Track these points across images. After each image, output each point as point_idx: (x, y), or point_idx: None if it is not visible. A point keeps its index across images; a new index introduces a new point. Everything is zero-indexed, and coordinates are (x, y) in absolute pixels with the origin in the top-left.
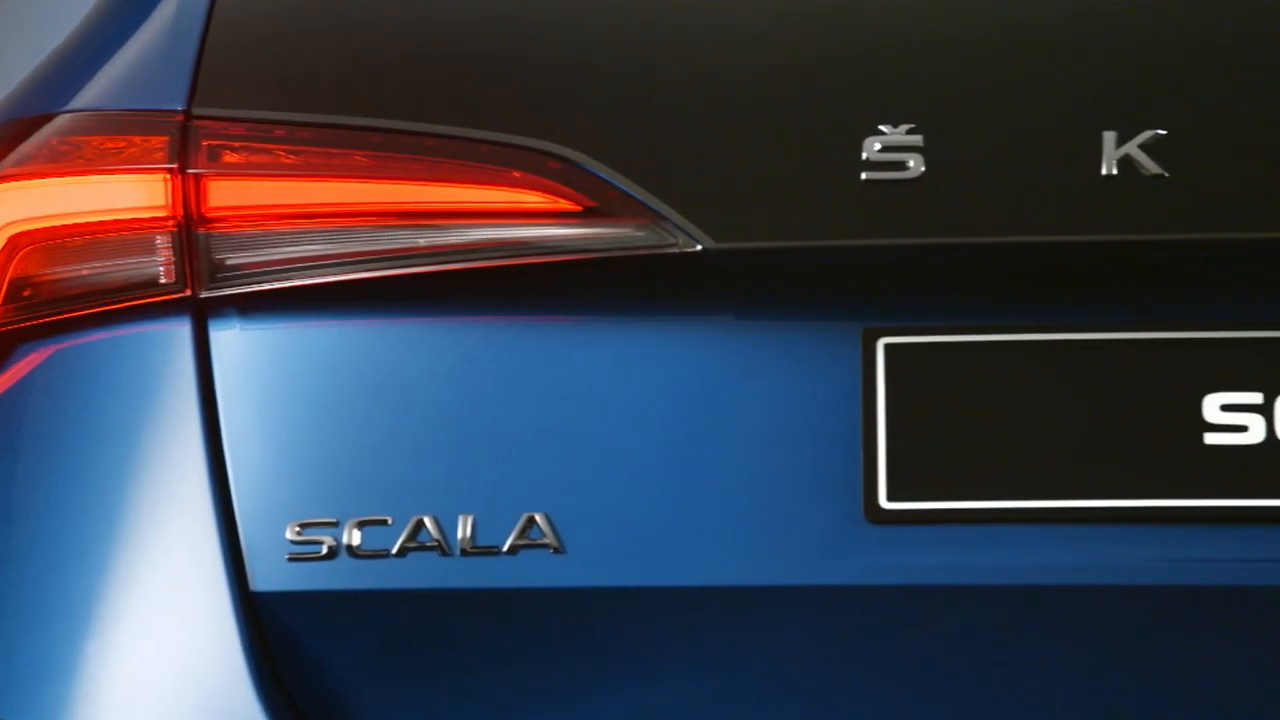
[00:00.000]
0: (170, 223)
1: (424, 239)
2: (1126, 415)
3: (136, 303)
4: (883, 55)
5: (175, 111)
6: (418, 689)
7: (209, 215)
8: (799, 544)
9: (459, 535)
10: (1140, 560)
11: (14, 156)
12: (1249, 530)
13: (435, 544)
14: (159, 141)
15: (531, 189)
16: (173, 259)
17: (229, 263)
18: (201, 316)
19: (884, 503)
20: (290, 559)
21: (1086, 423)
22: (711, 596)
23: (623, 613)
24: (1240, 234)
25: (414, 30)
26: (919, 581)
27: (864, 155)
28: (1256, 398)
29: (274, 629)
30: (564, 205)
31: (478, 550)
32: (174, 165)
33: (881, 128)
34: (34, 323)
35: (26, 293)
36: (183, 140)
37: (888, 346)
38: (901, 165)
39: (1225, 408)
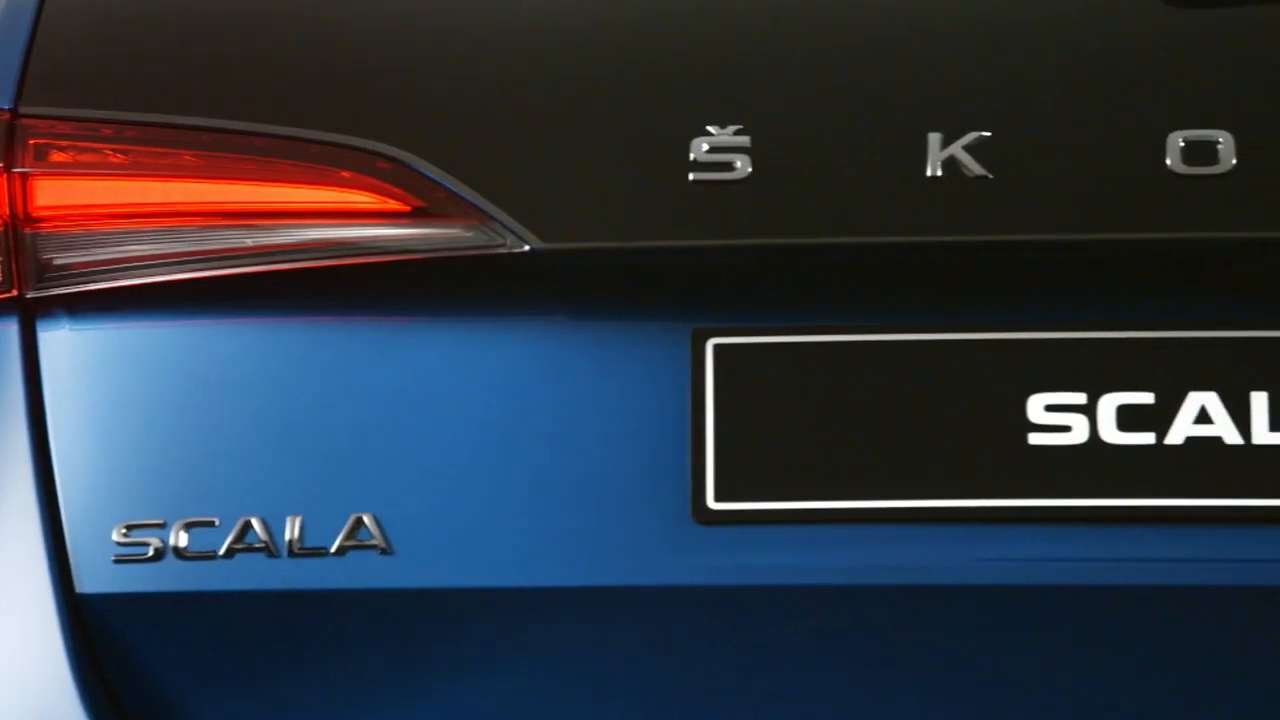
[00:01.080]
0: None
1: (252, 239)
2: (951, 416)
3: None
4: (711, 57)
5: (1, 110)
6: (247, 690)
7: (35, 215)
8: (626, 545)
9: (287, 536)
10: (964, 560)
11: None
12: (1072, 530)
13: (263, 545)
14: None
15: (360, 189)
16: None
17: (56, 263)
18: (29, 316)
19: (712, 503)
20: (116, 561)
21: (912, 423)
22: (537, 597)
23: (450, 614)
24: (1062, 235)
25: (245, 30)
26: (747, 582)
27: (691, 156)
28: (1080, 398)
29: (101, 631)
30: (393, 205)
31: (305, 552)
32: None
33: (709, 129)
34: None
35: None
36: (9, 139)
37: (717, 347)
38: (729, 166)
39: (1049, 408)
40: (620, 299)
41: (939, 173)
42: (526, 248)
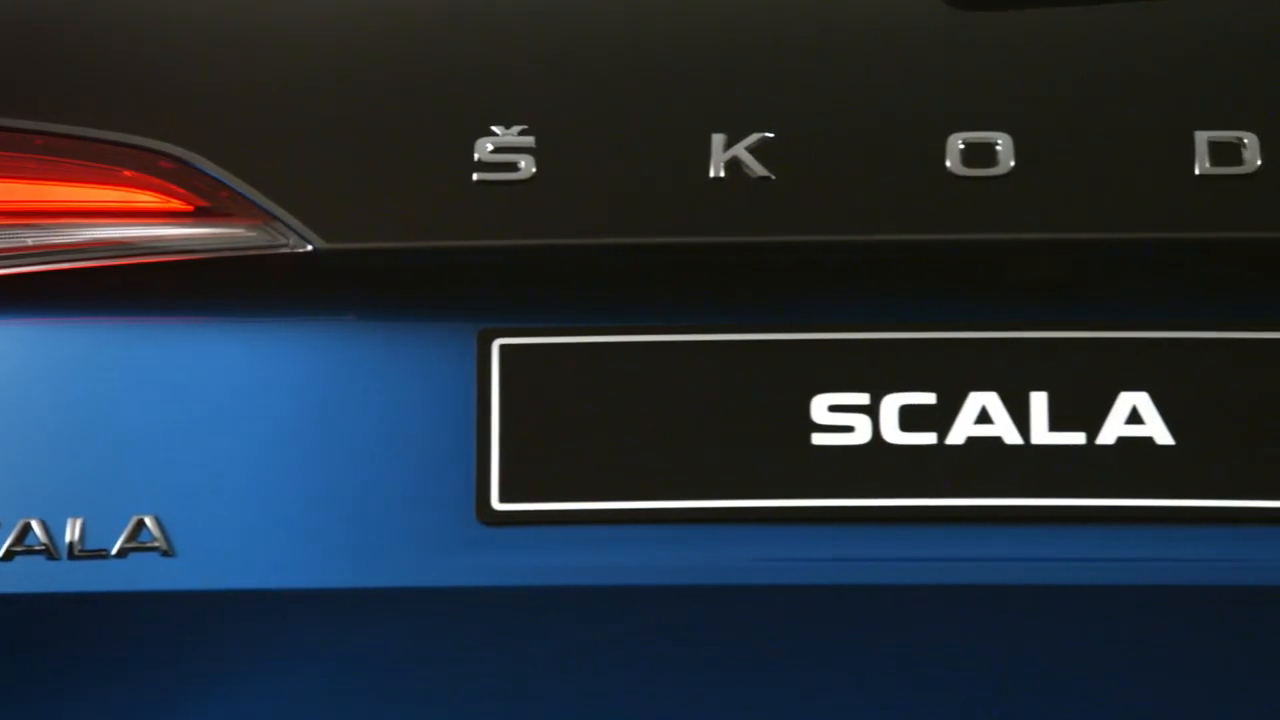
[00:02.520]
0: None
1: (32, 238)
2: (734, 416)
3: None
4: (497, 57)
5: None
6: (27, 693)
7: None
8: (411, 546)
9: (67, 538)
10: (746, 560)
11: None
12: (855, 529)
13: (43, 547)
14: None
15: (143, 188)
16: None
17: None
18: None
19: (496, 504)
20: None
21: (697, 424)
22: (321, 599)
23: (234, 616)
24: (842, 236)
25: (26, 28)
26: (531, 583)
27: (476, 156)
28: (863, 398)
29: None
30: (175, 205)
31: (86, 554)
32: None
33: (494, 129)
34: None
35: None
36: None
37: (503, 348)
38: (513, 166)
39: (833, 408)
40: (406, 299)
41: (722, 174)
42: (309, 247)
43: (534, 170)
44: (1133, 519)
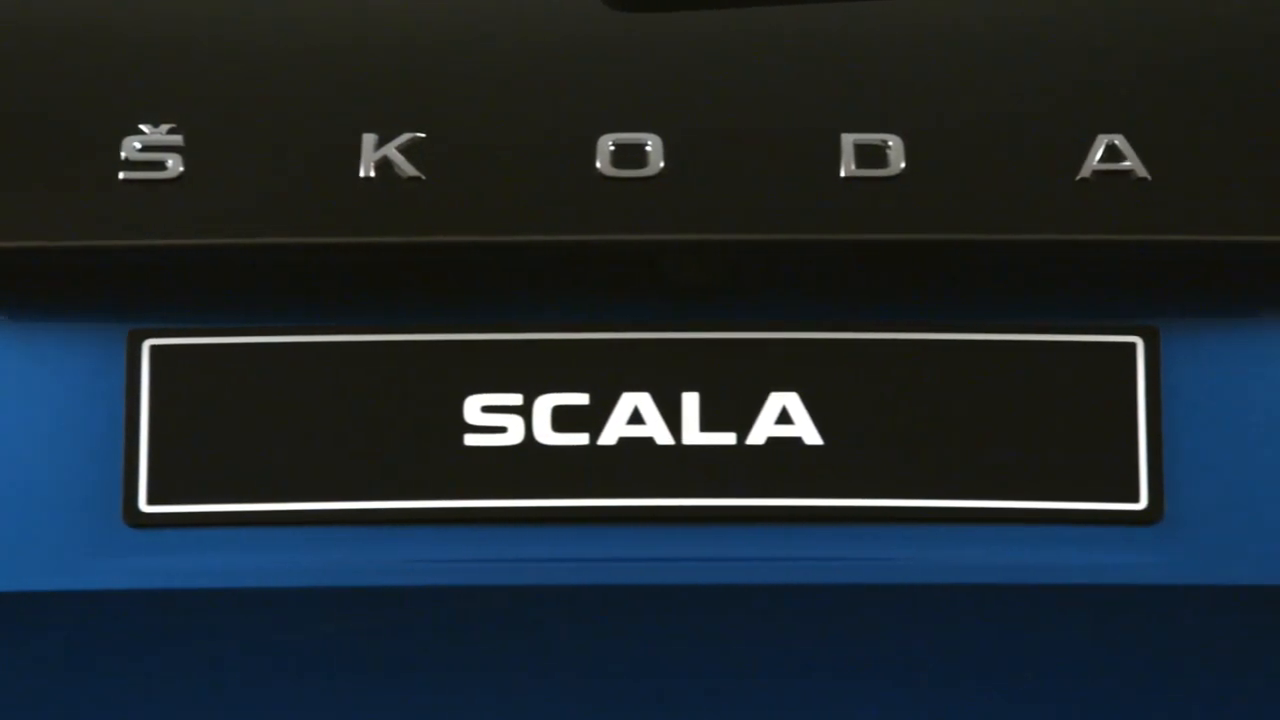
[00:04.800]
0: None
1: None
2: (387, 417)
3: None
4: (141, 54)
5: None
6: None
7: None
8: (56, 549)
9: None
10: (399, 561)
11: None
12: (507, 530)
13: None
14: None
15: None
16: None
17: None
18: None
19: (144, 506)
20: None
21: (350, 425)
22: None
23: None
24: (492, 237)
25: None
26: (179, 585)
27: (123, 155)
28: (516, 399)
29: None
30: None
31: None
32: None
33: (142, 127)
34: None
35: None
36: None
37: (153, 348)
38: (160, 165)
39: (486, 409)
40: (54, 300)
41: (373, 174)
42: None
43: (182, 169)
44: (781, 518)
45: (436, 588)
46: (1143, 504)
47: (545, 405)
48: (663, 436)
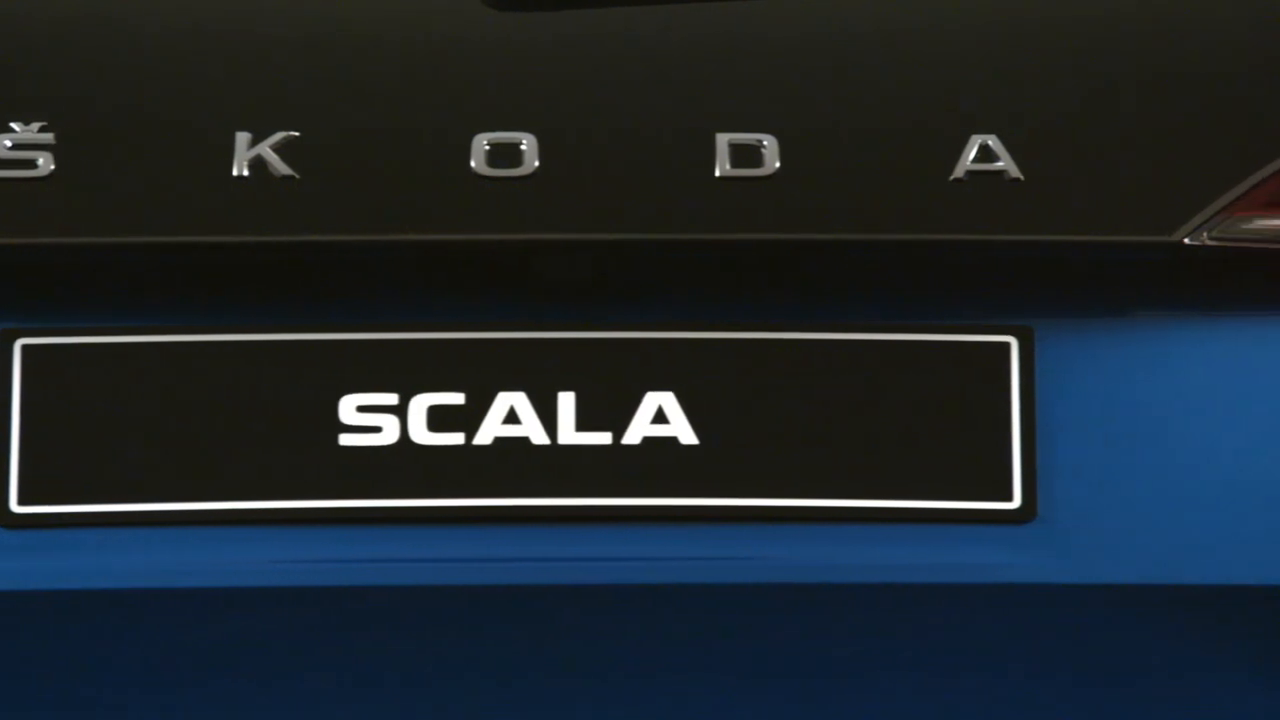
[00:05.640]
0: None
1: None
2: (263, 417)
3: None
4: (14, 51)
5: None
6: None
7: None
8: None
9: None
10: (272, 562)
11: None
12: (384, 530)
13: None
14: None
15: None
16: None
17: None
18: None
19: (15, 506)
20: None
21: (225, 425)
22: None
23: None
24: (365, 236)
25: None
26: (53, 586)
27: None
28: (392, 399)
29: None
30: None
31: None
32: None
33: (13, 125)
34: None
35: None
36: None
37: (25, 348)
38: (31, 164)
39: (361, 409)
40: None
41: (245, 172)
42: None
43: (53, 168)
44: (656, 518)
45: (311, 588)
46: (1016, 503)
47: (421, 405)
48: (538, 436)
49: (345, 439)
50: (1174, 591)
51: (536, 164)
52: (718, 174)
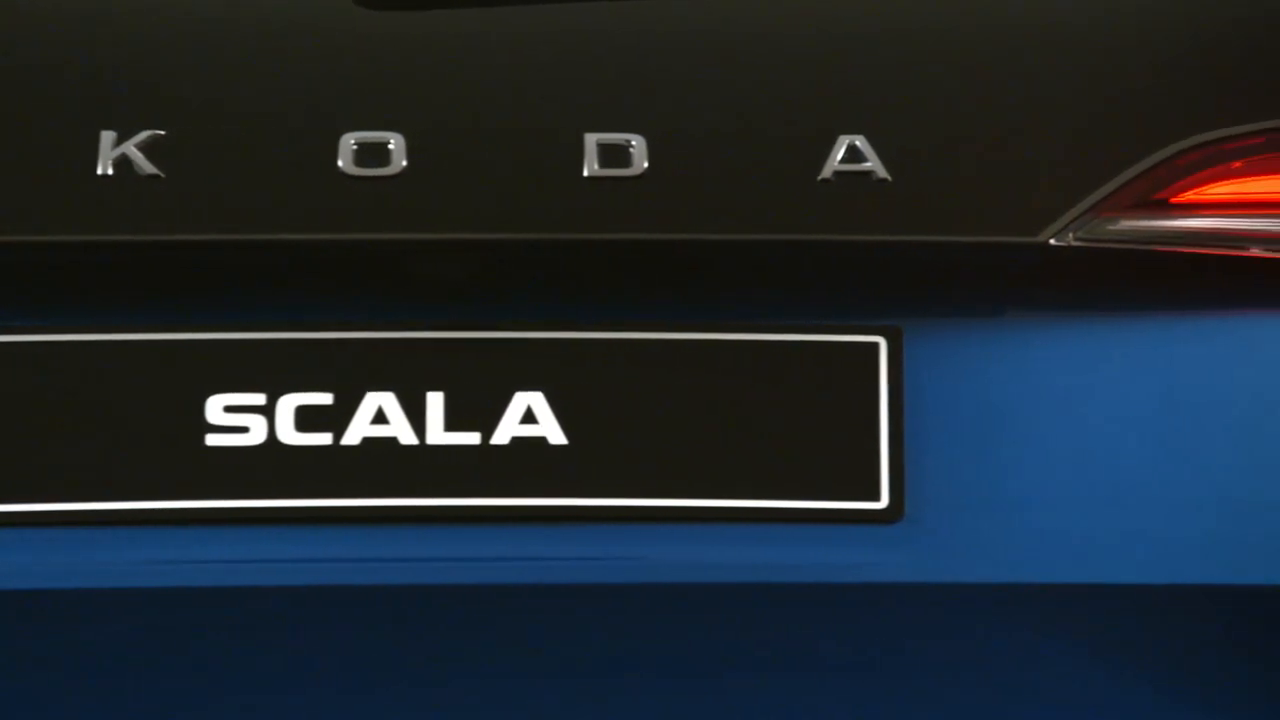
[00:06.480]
0: None
1: None
2: (130, 417)
3: None
4: None
5: None
6: None
7: None
8: None
9: None
10: (133, 562)
11: None
12: (248, 531)
13: None
14: None
15: None
16: None
17: None
18: None
19: None
20: None
21: (92, 425)
22: None
23: None
24: (232, 236)
25: None
26: None
27: None
28: (259, 399)
29: None
30: None
31: None
32: None
33: None
34: None
35: None
36: None
37: None
38: None
39: (228, 409)
40: None
41: (111, 171)
42: None
43: None
44: (524, 518)
45: (178, 589)
46: (884, 503)
47: (288, 405)
48: (406, 436)
49: (212, 439)
50: (1041, 590)
51: (404, 163)
52: (586, 174)
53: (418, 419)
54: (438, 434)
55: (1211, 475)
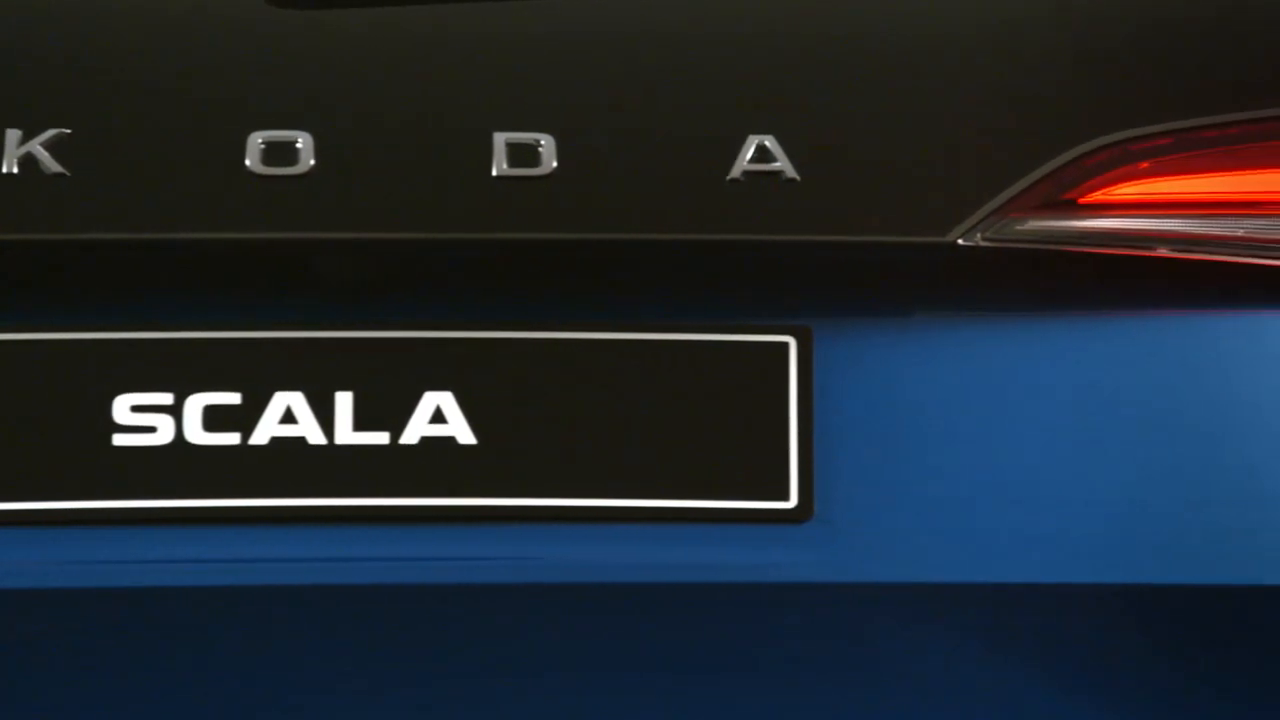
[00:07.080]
0: None
1: None
2: (36, 416)
3: None
4: None
5: None
6: None
7: None
8: None
9: None
10: (34, 563)
11: None
12: (157, 531)
13: None
14: None
15: None
16: None
17: None
18: None
19: None
20: None
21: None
22: None
23: None
24: (134, 235)
25: None
26: None
27: None
28: (167, 398)
29: None
30: None
31: None
32: None
33: None
34: None
35: None
36: None
37: None
38: None
39: (135, 408)
40: None
41: (15, 170)
42: None
43: None
44: (432, 518)
45: (82, 590)
46: (792, 502)
47: (196, 405)
48: (315, 436)
49: (118, 439)
50: (950, 590)
51: (313, 162)
52: (495, 173)
53: (326, 419)
54: (346, 434)
55: (1119, 475)
